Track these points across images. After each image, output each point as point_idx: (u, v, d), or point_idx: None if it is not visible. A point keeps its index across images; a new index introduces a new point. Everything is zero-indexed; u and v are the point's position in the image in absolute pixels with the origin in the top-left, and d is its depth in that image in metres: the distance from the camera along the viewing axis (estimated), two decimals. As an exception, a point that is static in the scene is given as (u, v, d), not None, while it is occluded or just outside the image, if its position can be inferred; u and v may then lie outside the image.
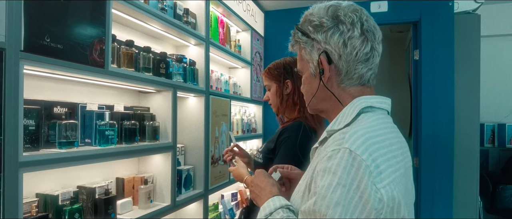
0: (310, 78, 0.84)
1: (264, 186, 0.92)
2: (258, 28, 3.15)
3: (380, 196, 0.64)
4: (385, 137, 0.73)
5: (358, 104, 0.78)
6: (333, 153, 0.68)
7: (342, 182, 0.65)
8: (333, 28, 0.78)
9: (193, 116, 2.12)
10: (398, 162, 0.73)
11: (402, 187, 0.70)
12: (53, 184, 1.38)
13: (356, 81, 0.81)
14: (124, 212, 1.57)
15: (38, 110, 1.20)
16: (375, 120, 0.76)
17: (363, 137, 0.69)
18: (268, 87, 1.56)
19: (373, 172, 0.65)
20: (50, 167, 1.12)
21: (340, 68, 0.79)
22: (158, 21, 1.68)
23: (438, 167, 2.76)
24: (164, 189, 1.78)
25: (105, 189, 1.45)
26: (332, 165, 0.67)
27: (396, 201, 0.66)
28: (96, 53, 1.30)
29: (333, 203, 0.64)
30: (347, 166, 0.65)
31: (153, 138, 1.68)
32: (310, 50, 0.81)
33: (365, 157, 0.65)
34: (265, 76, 1.55)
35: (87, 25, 1.25)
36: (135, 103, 1.84)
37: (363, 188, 0.64)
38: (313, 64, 0.82)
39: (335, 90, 0.81)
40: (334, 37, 0.78)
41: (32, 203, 1.17)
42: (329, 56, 0.79)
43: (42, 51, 1.07)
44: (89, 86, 1.54)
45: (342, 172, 0.65)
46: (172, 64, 1.84)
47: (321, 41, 0.79)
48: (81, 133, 1.39)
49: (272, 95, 1.53)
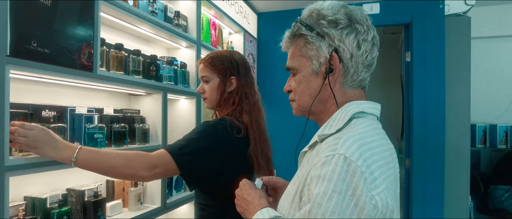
0: (310, 76, 0.81)
1: (251, 199, 0.88)
2: (251, 30, 3.16)
3: (375, 203, 0.64)
4: (378, 144, 0.73)
5: (350, 109, 0.77)
6: (327, 159, 0.67)
7: (337, 189, 0.64)
8: (350, 27, 0.77)
9: (185, 118, 2.13)
10: (390, 168, 0.73)
11: (393, 193, 0.71)
12: (42, 187, 1.38)
13: (357, 84, 0.80)
14: (114, 214, 1.58)
15: (26, 113, 1.20)
16: (368, 126, 0.75)
17: (357, 142, 0.68)
18: (206, 79, 1.38)
19: (368, 179, 0.64)
20: (37, 171, 1.13)
21: (349, 69, 0.78)
22: (148, 24, 1.69)
23: (429, 168, 2.78)
24: (154, 191, 1.79)
25: (95, 192, 1.45)
26: (326, 171, 0.66)
27: (389, 208, 0.66)
28: (84, 57, 1.30)
29: (329, 212, 0.64)
30: (342, 172, 0.64)
31: (143, 140, 1.69)
32: (319, 46, 0.78)
33: (359, 163, 0.65)
34: (205, 66, 1.37)
35: (75, 29, 1.26)
36: (126, 106, 1.84)
37: (358, 195, 0.63)
38: (318, 61, 0.79)
39: (336, 91, 0.79)
40: (350, 37, 0.77)
41: (19, 206, 1.18)
42: (339, 54, 0.77)
43: (28, 56, 1.08)
44: (79, 90, 1.55)
45: (337, 179, 0.64)
46: (163, 67, 1.85)
47: (335, 38, 0.77)
48: (70, 136, 1.40)
49: (211, 89, 1.37)
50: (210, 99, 1.39)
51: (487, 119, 3.86)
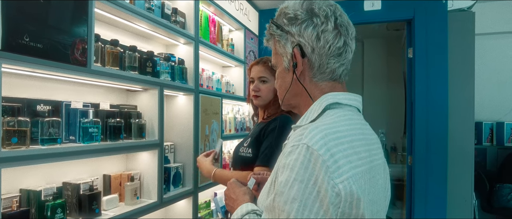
0: (284, 72, 0.84)
1: (236, 197, 0.92)
2: (252, 27, 3.17)
3: (338, 191, 0.64)
4: (347, 133, 0.72)
5: (325, 100, 0.78)
6: (292, 149, 0.69)
7: (299, 177, 0.65)
8: (307, 21, 0.78)
9: (182, 114, 2.15)
10: (361, 159, 0.72)
11: (364, 183, 0.69)
12: (38, 180, 1.41)
13: (328, 76, 0.80)
14: (110, 208, 1.60)
15: (20, 107, 1.23)
16: (340, 116, 0.75)
17: (322, 132, 0.69)
18: (264, 79, 1.56)
19: (331, 167, 0.64)
20: (30, 163, 1.15)
21: (313, 62, 0.79)
22: (145, 21, 1.71)
23: (431, 166, 2.75)
24: (151, 186, 1.81)
25: (90, 185, 1.48)
26: (290, 160, 0.67)
27: (354, 196, 0.65)
28: (78, 52, 1.32)
29: (290, 199, 0.65)
30: (305, 161, 0.65)
31: (139, 136, 1.71)
32: (284, 43, 0.81)
33: (322, 152, 0.65)
34: (266, 68, 1.55)
35: (69, 24, 1.28)
36: (123, 102, 1.87)
37: (320, 182, 0.63)
38: (287, 58, 0.82)
39: (307, 85, 0.81)
40: (308, 30, 0.78)
41: (13, 198, 1.21)
42: (302, 49, 0.79)
43: (21, 50, 1.10)
44: (75, 85, 1.57)
45: (299, 168, 0.65)
46: (160, 63, 1.87)
47: (295, 34, 0.79)
48: (66, 130, 1.42)
49: (267, 89, 1.55)
50: (265, 98, 1.55)
51: (494, 116, 3.80)
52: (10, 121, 1.12)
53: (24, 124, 1.16)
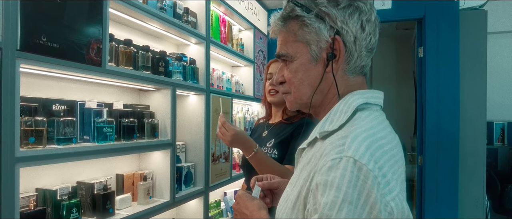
0: (309, 64, 0.70)
1: (250, 213, 0.81)
2: (261, 26, 3.16)
3: (390, 210, 0.55)
4: (386, 141, 0.64)
5: (353, 100, 0.68)
6: (333, 163, 0.57)
7: (347, 198, 0.55)
8: (352, 6, 0.67)
9: (194, 114, 2.15)
10: (400, 166, 0.64)
11: (405, 195, 0.62)
12: (53, 179, 1.42)
13: (360, 71, 0.71)
14: (123, 208, 1.60)
15: (37, 107, 1.23)
16: (374, 119, 0.67)
17: (366, 141, 0.59)
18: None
19: (381, 183, 0.56)
20: (47, 162, 1.16)
21: (352, 54, 0.68)
22: (157, 21, 1.71)
23: (442, 166, 2.72)
24: (163, 185, 1.81)
25: (104, 185, 1.48)
26: (334, 177, 0.56)
27: (405, 213, 0.58)
28: (93, 52, 1.33)
29: None
30: (353, 178, 0.55)
31: (152, 135, 1.71)
32: (318, 28, 0.67)
33: (371, 167, 0.56)
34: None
35: (84, 24, 1.29)
36: (136, 101, 1.87)
37: (372, 203, 0.54)
38: (318, 47, 0.68)
39: (338, 80, 0.69)
40: (354, 17, 0.67)
41: (30, 197, 1.21)
42: (342, 38, 0.67)
43: (38, 50, 1.11)
44: (89, 85, 1.58)
45: (348, 186, 0.55)
46: (172, 63, 1.87)
47: (337, 19, 0.67)
48: (80, 130, 1.43)
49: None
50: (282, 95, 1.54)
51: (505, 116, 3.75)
52: (27, 120, 1.13)
53: (41, 124, 1.17)
